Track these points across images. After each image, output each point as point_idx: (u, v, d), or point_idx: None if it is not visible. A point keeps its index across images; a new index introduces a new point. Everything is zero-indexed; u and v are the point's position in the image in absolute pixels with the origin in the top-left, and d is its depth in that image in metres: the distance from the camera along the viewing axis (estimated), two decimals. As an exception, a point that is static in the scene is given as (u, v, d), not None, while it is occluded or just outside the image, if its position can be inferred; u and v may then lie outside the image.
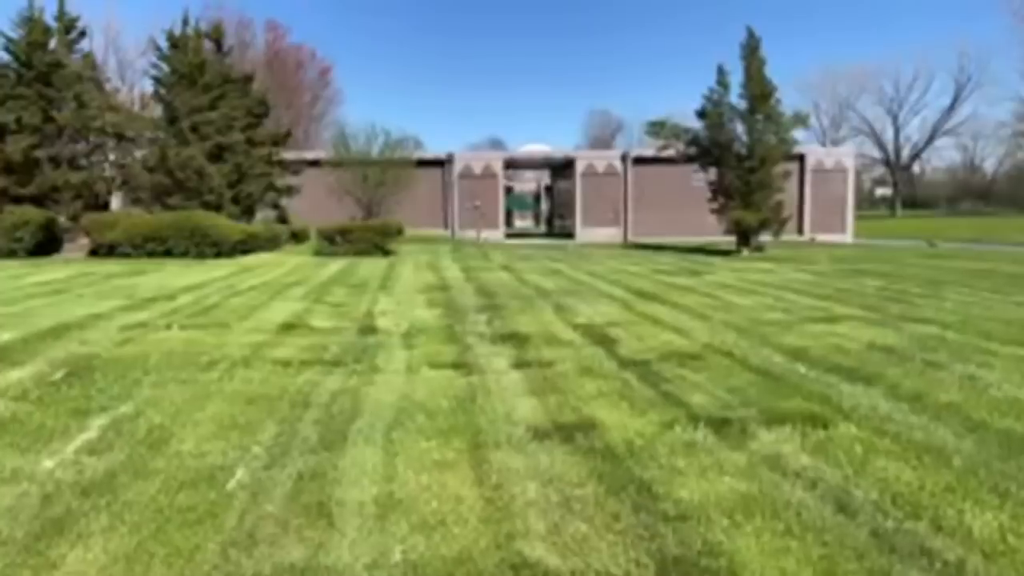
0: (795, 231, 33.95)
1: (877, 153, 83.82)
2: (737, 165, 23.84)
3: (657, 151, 27.41)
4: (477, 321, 9.07)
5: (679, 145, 25.51)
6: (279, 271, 16.24)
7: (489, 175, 37.03)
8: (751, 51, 23.35)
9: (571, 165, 37.94)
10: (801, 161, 35.94)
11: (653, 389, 5.67)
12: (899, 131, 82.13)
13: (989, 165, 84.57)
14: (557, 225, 46.08)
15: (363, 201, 30.97)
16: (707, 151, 24.71)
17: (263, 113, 26.80)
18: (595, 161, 38.05)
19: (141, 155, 23.82)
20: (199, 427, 4.66)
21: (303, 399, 5.34)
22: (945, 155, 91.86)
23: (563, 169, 41.33)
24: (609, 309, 10.19)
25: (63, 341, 7.36)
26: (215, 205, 22.52)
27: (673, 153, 26.06)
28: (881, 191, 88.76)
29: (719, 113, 23.93)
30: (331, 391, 5.58)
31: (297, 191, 27.23)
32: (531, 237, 40.70)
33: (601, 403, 5.27)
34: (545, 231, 49.06)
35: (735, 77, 23.80)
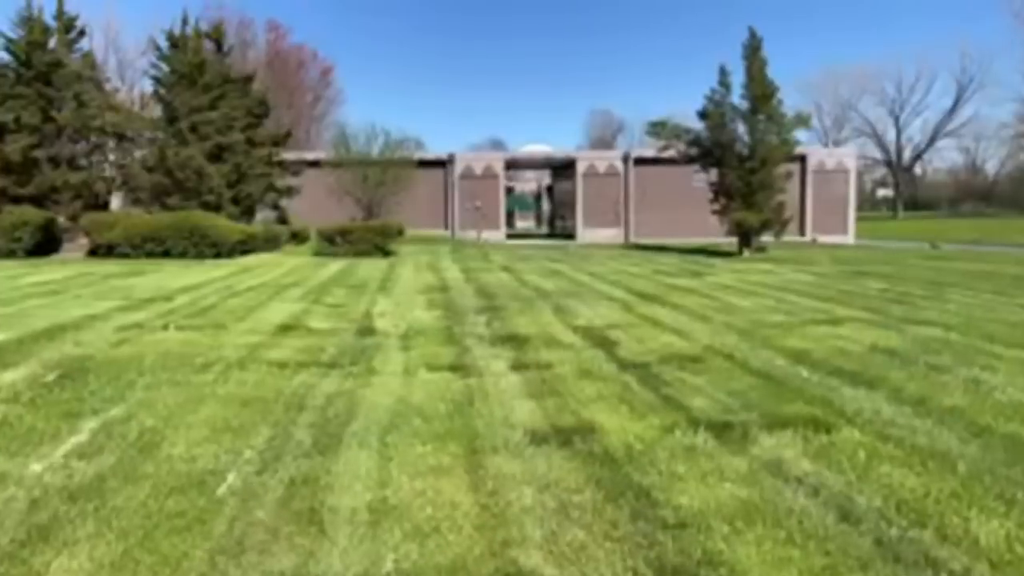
0: (797, 232, 33.85)
1: (879, 154, 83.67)
2: (739, 166, 23.74)
3: (658, 152, 27.30)
4: (476, 323, 9.01)
5: (680, 146, 25.41)
6: (278, 272, 16.18)
7: (490, 175, 36.96)
8: (753, 51, 23.26)
9: (572, 165, 37.85)
10: (803, 162, 35.87)
11: (653, 392, 5.60)
12: (901, 132, 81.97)
13: (991, 166, 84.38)
14: (558, 226, 45.96)
15: (363, 202, 30.92)
16: (708, 152, 24.61)
17: (263, 113, 26.74)
18: (596, 161, 37.96)
19: (140, 155, 23.77)
20: (191, 430, 4.59)
21: (298, 402, 5.28)
22: (947, 156, 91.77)
23: (564, 169, 41.23)
24: (609, 311, 10.12)
25: (57, 342, 7.30)
26: (214, 205, 22.46)
27: (674, 154, 25.95)
28: (883, 192, 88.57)
29: (721, 113, 23.84)
30: (327, 394, 5.51)
31: (297, 192, 27.13)
32: (532, 238, 40.62)
33: (600, 406, 5.20)
34: (546, 232, 48.95)
35: (737, 77, 23.76)
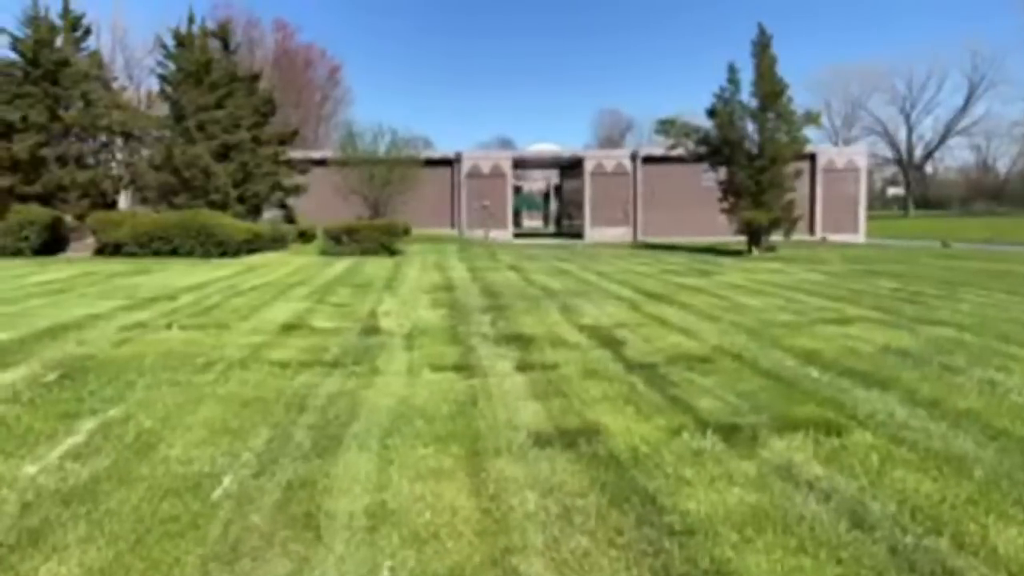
0: (806, 231, 33.63)
1: (889, 153, 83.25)
2: (748, 164, 23.52)
3: (667, 150, 27.10)
4: (481, 322, 8.91)
5: (689, 144, 25.21)
6: (283, 271, 16.14)
7: (497, 174, 36.87)
8: (762, 48, 23.03)
9: (580, 164, 37.71)
10: (812, 160, 35.62)
11: (660, 393, 5.49)
12: (912, 130, 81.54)
13: (1002, 165, 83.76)
14: (566, 225, 45.82)
15: (370, 200, 30.86)
16: (717, 150, 24.40)
17: (270, 112, 26.73)
18: (604, 160, 37.80)
19: (147, 154, 23.80)
20: (189, 431, 4.52)
21: (299, 402, 5.20)
22: (958, 155, 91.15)
23: (572, 168, 41.09)
24: (616, 310, 10.01)
25: (60, 341, 7.26)
26: (221, 204, 22.46)
27: (683, 152, 25.76)
28: (893, 191, 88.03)
29: (730, 111, 23.62)
30: (328, 394, 5.43)
31: (304, 190, 27.12)
32: (540, 237, 40.52)
33: (606, 407, 5.10)
34: (554, 231, 48.86)
35: (746, 75, 23.52)
